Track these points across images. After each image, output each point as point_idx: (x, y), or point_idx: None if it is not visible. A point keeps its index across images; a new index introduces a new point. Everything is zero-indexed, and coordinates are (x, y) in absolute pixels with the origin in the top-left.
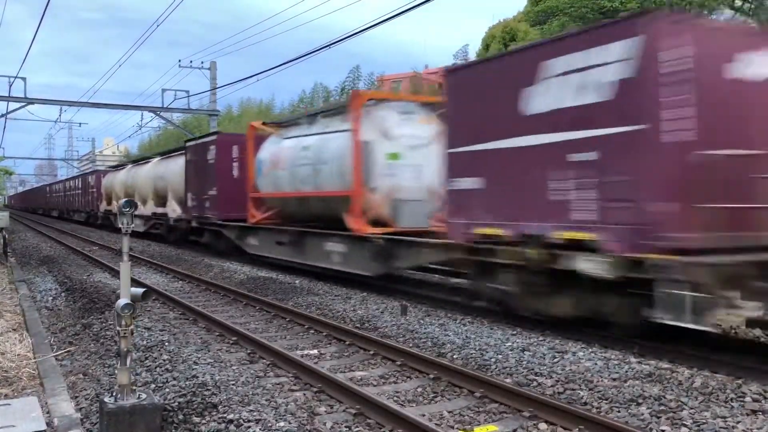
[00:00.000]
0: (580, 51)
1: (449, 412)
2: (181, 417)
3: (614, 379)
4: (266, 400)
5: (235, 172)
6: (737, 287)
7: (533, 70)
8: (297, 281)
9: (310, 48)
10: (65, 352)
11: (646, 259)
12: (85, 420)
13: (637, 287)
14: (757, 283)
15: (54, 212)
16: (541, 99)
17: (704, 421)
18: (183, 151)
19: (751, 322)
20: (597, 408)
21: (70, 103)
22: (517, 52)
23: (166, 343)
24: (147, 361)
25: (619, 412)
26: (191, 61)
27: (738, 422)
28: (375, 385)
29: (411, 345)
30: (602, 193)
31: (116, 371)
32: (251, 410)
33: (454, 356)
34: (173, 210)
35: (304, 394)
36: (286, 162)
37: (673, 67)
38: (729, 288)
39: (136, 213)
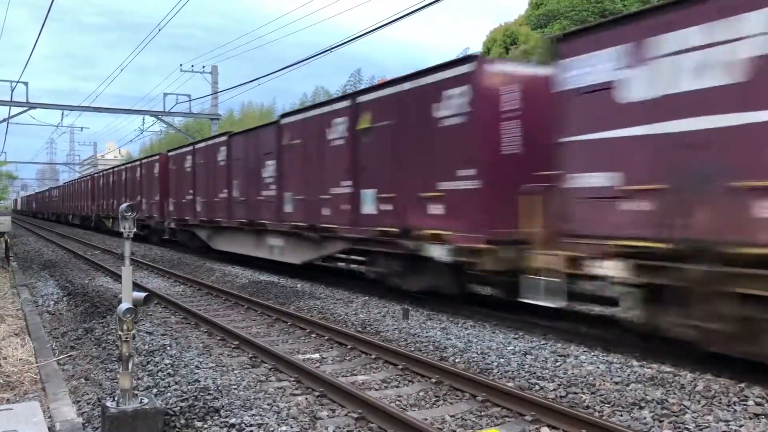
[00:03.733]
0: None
1: (451, 416)
2: (183, 421)
3: (616, 383)
4: (268, 405)
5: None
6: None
7: None
8: (298, 285)
9: (312, 51)
10: (67, 356)
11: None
12: (87, 424)
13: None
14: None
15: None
16: None
17: (707, 424)
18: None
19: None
20: (599, 412)
21: (72, 108)
22: None
23: (168, 348)
24: (149, 365)
25: (621, 415)
26: (192, 66)
27: (741, 426)
28: (377, 389)
29: (413, 349)
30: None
31: (118, 376)
32: (253, 414)
33: (456, 360)
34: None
35: (306, 399)
36: None
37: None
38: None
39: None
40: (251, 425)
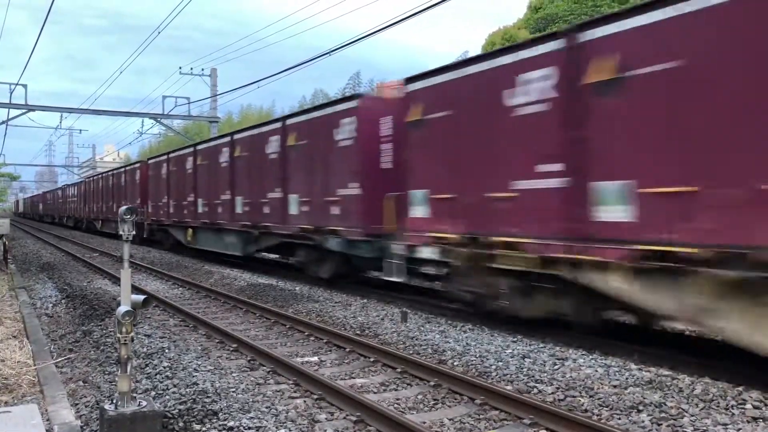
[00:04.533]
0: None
1: (450, 419)
2: (181, 424)
3: (615, 386)
4: (266, 408)
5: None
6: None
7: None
8: (297, 288)
9: (311, 54)
10: (65, 359)
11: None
12: (85, 427)
13: None
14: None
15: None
16: None
17: (705, 428)
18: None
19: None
20: (597, 415)
21: (71, 110)
22: None
23: (167, 350)
24: (147, 368)
25: (619, 419)
26: (191, 68)
27: (739, 429)
28: (375, 392)
29: (411, 352)
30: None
31: (116, 378)
32: (251, 417)
33: (455, 363)
34: None
35: (305, 402)
36: None
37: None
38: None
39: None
40: (250, 428)
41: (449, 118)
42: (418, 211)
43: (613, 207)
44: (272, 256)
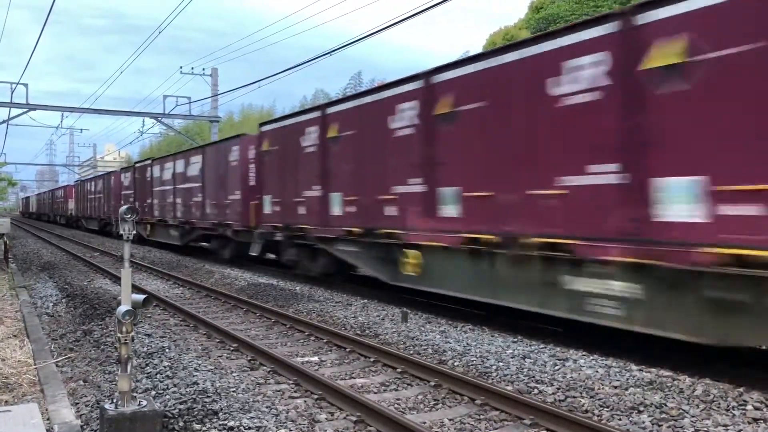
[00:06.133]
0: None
1: (450, 419)
2: (181, 424)
3: (615, 387)
4: (267, 407)
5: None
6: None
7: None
8: (297, 288)
9: (312, 54)
10: (66, 358)
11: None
12: (85, 427)
13: None
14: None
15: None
16: None
17: (705, 429)
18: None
19: None
20: (598, 416)
21: (71, 109)
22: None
23: (167, 350)
24: (147, 367)
25: (620, 420)
26: (192, 68)
27: (739, 430)
28: (376, 393)
29: (412, 352)
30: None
31: (117, 378)
32: (252, 417)
33: (455, 363)
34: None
35: (305, 401)
36: None
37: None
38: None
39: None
40: (250, 428)
41: (483, 111)
42: (449, 210)
43: (679, 206)
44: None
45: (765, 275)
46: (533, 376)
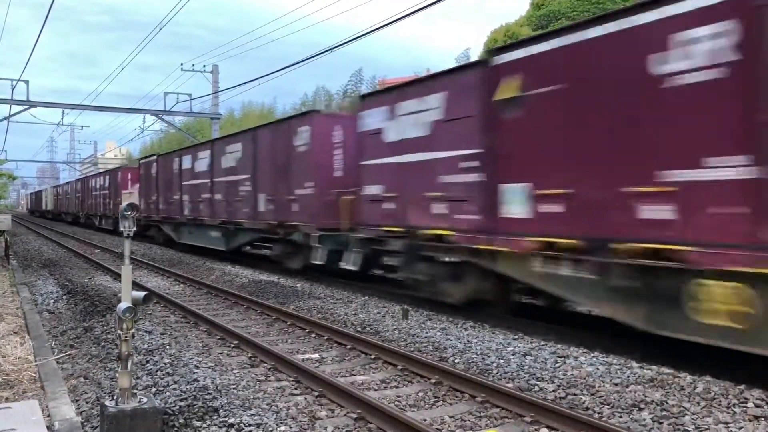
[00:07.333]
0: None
1: (451, 416)
2: (181, 421)
3: (616, 384)
4: (267, 404)
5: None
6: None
7: None
8: (298, 285)
9: (314, 51)
10: (66, 355)
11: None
12: (85, 423)
13: None
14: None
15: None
16: None
17: (706, 426)
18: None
19: None
20: (599, 413)
21: (72, 106)
22: None
23: (167, 347)
24: (148, 364)
25: (620, 417)
26: (193, 65)
27: (740, 428)
28: (376, 390)
29: (412, 349)
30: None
31: (117, 375)
32: (252, 414)
33: (456, 361)
34: None
35: (305, 399)
36: None
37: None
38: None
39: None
40: (250, 425)
41: (560, 94)
42: (514, 209)
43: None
44: None
45: None
46: (534, 374)
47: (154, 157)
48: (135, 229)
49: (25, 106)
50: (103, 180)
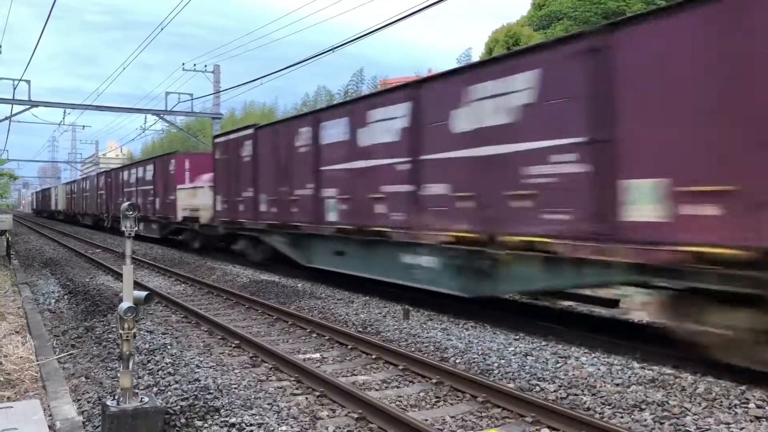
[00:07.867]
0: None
1: (452, 417)
2: (183, 420)
3: (617, 385)
4: (268, 404)
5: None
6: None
7: None
8: (299, 285)
9: (315, 51)
10: (68, 354)
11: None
12: (87, 423)
13: None
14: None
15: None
16: None
17: (708, 427)
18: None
19: None
20: (600, 413)
21: (74, 106)
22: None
23: (169, 347)
24: (149, 364)
25: (622, 417)
26: (195, 65)
27: (742, 428)
28: (377, 390)
29: (413, 349)
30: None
31: (119, 374)
32: (253, 414)
33: (457, 361)
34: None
35: (306, 399)
36: None
37: None
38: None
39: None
40: (251, 425)
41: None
42: (643, 210)
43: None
44: None
45: None
46: (535, 374)
47: (250, 131)
48: (137, 228)
49: (27, 106)
50: (143, 172)
